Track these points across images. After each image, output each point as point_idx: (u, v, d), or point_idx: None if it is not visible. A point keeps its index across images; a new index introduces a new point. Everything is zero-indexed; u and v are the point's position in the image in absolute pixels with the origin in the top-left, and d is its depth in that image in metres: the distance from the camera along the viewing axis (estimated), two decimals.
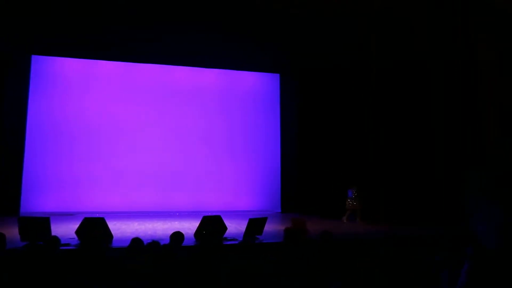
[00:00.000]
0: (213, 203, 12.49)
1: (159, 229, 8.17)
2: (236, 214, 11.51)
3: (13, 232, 6.29)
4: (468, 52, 8.36)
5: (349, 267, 3.02)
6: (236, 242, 6.31)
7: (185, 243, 4.90)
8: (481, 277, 2.96)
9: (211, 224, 6.83)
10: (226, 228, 6.95)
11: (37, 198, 11.55)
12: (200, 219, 6.99)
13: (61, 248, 5.09)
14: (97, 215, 7.14)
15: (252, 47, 12.17)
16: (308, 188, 12.76)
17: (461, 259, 3.09)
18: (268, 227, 7.75)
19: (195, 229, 7.00)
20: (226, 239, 6.67)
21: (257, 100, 13.70)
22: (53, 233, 6.10)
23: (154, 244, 4.01)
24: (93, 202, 11.77)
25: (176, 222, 9.49)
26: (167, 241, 4.69)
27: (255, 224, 6.94)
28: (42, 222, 6.16)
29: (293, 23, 10.59)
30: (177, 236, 4.75)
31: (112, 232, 6.70)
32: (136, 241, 4.02)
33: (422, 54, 9.33)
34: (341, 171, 11.71)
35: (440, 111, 8.87)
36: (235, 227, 8.33)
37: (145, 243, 4.11)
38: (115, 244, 6.21)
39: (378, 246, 3.77)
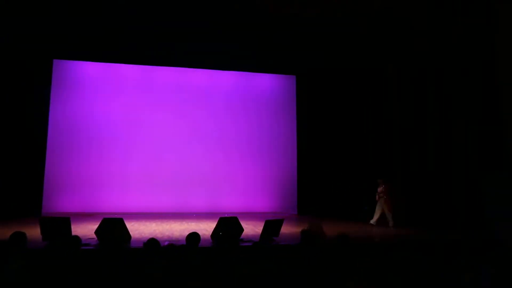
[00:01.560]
0: (229, 205, 12.54)
1: (176, 230, 8.23)
2: (252, 215, 11.53)
3: (35, 232, 6.45)
4: (488, 52, 8.17)
5: (365, 270, 2.99)
6: (253, 244, 6.29)
7: (201, 244, 4.92)
8: (505, 281, 2.89)
9: (228, 226, 6.84)
10: (242, 230, 6.95)
11: (58, 199, 11.81)
12: (217, 221, 7.02)
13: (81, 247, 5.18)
14: (116, 216, 7.24)
15: (268, 49, 12.18)
16: (324, 190, 12.67)
17: (484, 263, 3.02)
18: (285, 229, 7.73)
19: (212, 231, 7.03)
20: (242, 240, 6.67)
21: (274, 102, 13.69)
22: (73, 233, 6.23)
23: (171, 247, 4.04)
24: (112, 203, 11.97)
25: (193, 223, 9.54)
26: (184, 242, 4.71)
27: (272, 226, 6.92)
28: (63, 222, 6.27)
29: (309, 26, 10.56)
30: (193, 237, 4.77)
31: (130, 233, 6.79)
32: (152, 242, 4.06)
33: (439, 54, 9.14)
34: (359, 173, 11.59)
35: (459, 112, 8.68)
36: (251, 229, 8.33)
37: (161, 244, 4.15)
38: (133, 244, 6.29)
39: (396, 250, 3.70)
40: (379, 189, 9.64)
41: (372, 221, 9.55)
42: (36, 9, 9.81)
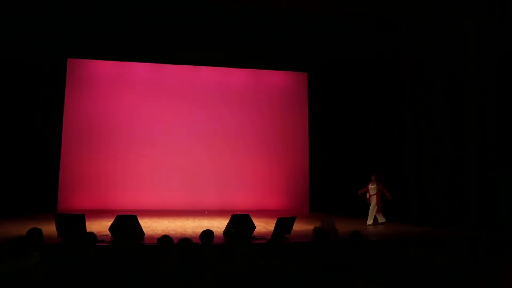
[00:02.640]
0: (241, 202, 12.57)
1: (188, 227, 8.29)
2: (264, 213, 11.54)
3: (50, 228, 6.56)
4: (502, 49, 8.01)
5: (378, 268, 2.96)
6: (265, 241, 6.30)
7: (214, 241, 4.94)
8: None
9: (240, 223, 6.85)
10: (254, 227, 6.96)
11: (73, 196, 12.00)
12: (229, 218, 7.04)
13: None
14: (129, 213, 7.32)
15: (279, 46, 12.16)
16: (337, 187, 12.60)
17: (502, 262, 2.97)
18: (297, 227, 7.72)
19: (224, 228, 7.06)
20: (254, 238, 6.68)
21: (285, 99, 13.67)
22: (87, 230, 6.32)
23: (185, 241, 4.06)
24: (125, 200, 12.11)
25: (205, 221, 9.59)
26: (196, 239, 4.73)
27: (284, 223, 6.92)
28: (78, 219, 6.37)
29: (320, 22, 10.49)
30: (207, 234, 4.80)
31: (144, 230, 6.86)
32: (166, 239, 4.08)
33: (459, 47, 8.94)
34: (372, 170, 11.48)
35: (474, 107, 8.51)
36: (263, 226, 8.34)
37: (175, 241, 4.17)
38: (146, 241, 6.35)
39: (410, 247, 3.66)
40: (370, 185, 9.41)
41: (369, 222, 9.23)
42: (50, 9, 9.97)
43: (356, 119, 12.35)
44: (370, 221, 9.27)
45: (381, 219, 9.28)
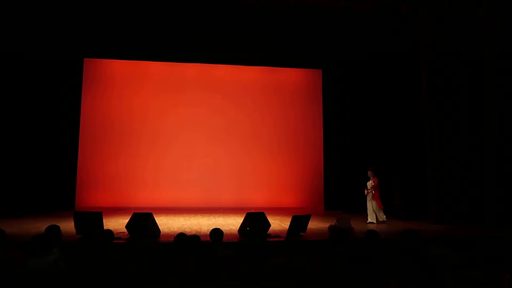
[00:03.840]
0: (256, 200, 12.57)
1: (204, 224, 8.33)
2: (279, 210, 11.51)
3: (68, 226, 6.67)
4: None
5: (396, 267, 2.91)
6: (280, 239, 6.29)
7: (228, 239, 4.94)
8: None
9: (255, 221, 6.85)
10: (269, 225, 6.95)
11: (90, 194, 12.19)
12: (244, 216, 7.04)
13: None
14: (145, 211, 7.39)
15: (294, 43, 12.10)
16: (352, 184, 12.45)
17: None
18: (312, 224, 7.67)
19: (239, 226, 7.06)
20: (269, 235, 6.67)
21: (300, 96, 13.60)
22: (105, 227, 6.40)
23: (196, 238, 4.05)
24: (141, 198, 12.24)
25: (221, 218, 9.63)
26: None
27: (299, 221, 6.89)
28: (95, 217, 6.46)
29: (334, 18, 10.39)
30: (216, 233, 4.79)
31: (160, 227, 6.91)
32: (182, 237, 4.09)
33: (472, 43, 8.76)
34: (388, 166, 11.34)
35: (494, 102, 8.31)
36: (278, 224, 8.32)
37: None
38: (162, 238, 6.40)
39: (431, 246, 3.58)
40: (368, 182, 9.23)
41: (370, 220, 9.04)
42: (66, 10, 10.13)
43: (371, 116, 12.21)
44: (370, 219, 9.05)
45: (381, 218, 9.04)
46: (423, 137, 9.78)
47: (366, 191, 9.29)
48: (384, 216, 9.10)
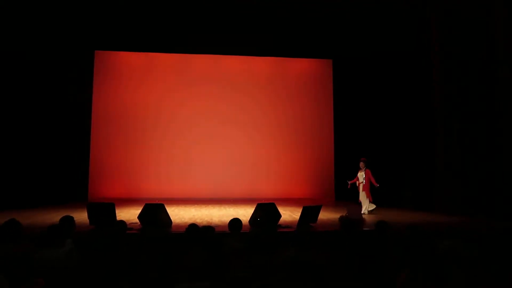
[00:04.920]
0: (267, 191, 12.59)
1: (215, 215, 8.39)
2: (290, 201, 11.53)
3: (82, 216, 6.78)
4: None
5: (406, 259, 2.89)
6: (291, 230, 6.30)
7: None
8: None
9: (266, 212, 6.87)
10: (280, 216, 6.96)
11: (103, 185, 12.36)
12: (255, 206, 7.07)
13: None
14: (157, 201, 7.46)
15: (304, 33, 11.98)
16: None
17: None
18: (322, 215, 7.67)
19: (250, 216, 7.09)
20: (280, 226, 6.69)
21: (310, 87, 13.51)
22: (117, 218, 6.49)
23: (210, 230, 4.09)
24: (153, 189, 12.36)
25: (231, 209, 9.68)
26: (223, 228, 4.77)
27: (310, 212, 6.89)
28: (108, 208, 6.54)
29: (345, 8, 10.24)
30: (236, 223, 4.83)
31: (171, 218, 6.98)
32: (194, 227, 4.13)
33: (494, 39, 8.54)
34: (398, 157, 11.25)
35: (506, 95, 8.13)
36: (289, 215, 8.34)
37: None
38: (174, 229, 6.47)
39: (441, 238, 3.56)
40: (359, 173, 9.24)
41: (363, 211, 8.98)
42: (77, 2, 10.17)
43: (382, 107, 12.07)
44: (364, 210, 9.04)
45: (370, 207, 9.07)
46: (433, 129, 9.66)
47: (357, 183, 9.28)
48: (371, 208, 9.05)
